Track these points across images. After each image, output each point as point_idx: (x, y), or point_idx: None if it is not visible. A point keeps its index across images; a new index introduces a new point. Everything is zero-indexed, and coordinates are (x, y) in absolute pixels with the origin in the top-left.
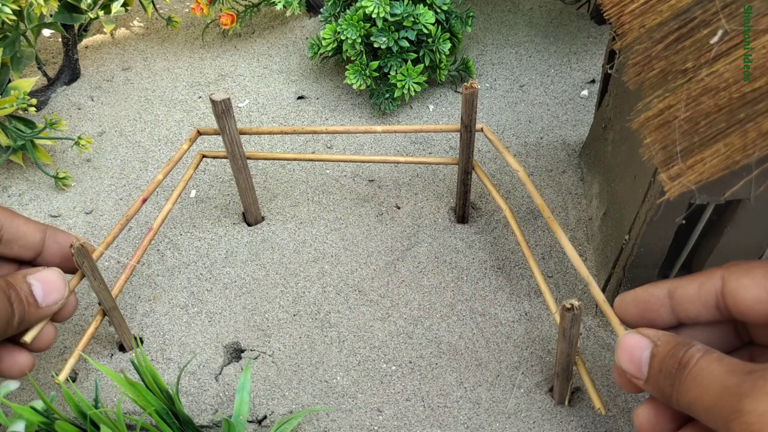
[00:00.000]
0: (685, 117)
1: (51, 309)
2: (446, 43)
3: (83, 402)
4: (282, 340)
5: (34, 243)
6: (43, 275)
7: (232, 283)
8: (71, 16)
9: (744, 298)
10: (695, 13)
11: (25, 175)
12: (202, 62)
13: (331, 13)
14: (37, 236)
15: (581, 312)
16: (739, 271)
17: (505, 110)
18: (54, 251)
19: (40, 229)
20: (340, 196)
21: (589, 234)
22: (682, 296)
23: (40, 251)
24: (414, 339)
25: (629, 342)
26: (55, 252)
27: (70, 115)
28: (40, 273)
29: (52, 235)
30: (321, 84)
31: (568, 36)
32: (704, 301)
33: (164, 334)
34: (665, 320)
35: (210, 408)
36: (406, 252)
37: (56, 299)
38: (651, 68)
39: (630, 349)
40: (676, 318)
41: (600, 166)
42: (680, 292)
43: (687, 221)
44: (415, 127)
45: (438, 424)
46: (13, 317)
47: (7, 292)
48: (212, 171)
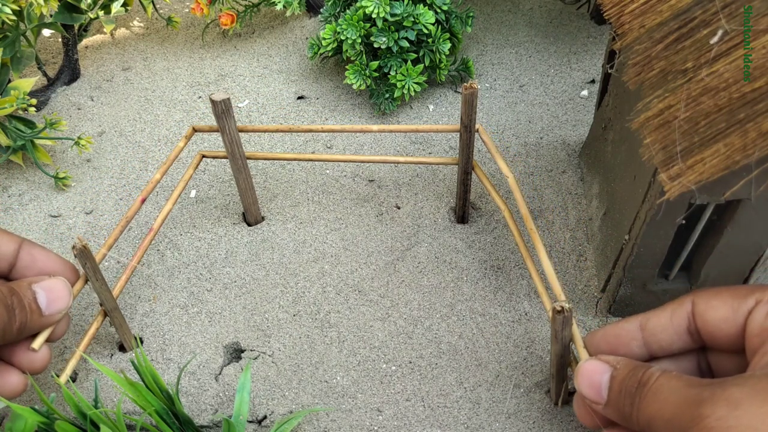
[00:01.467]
0: (685, 117)
1: (54, 318)
2: (446, 43)
3: (83, 402)
4: (282, 340)
5: (6, 253)
6: (49, 284)
7: (232, 283)
8: (71, 16)
9: (713, 318)
10: (695, 13)
11: (25, 175)
12: (202, 62)
13: (331, 13)
14: (11, 246)
15: (572, 314)
16: (708, 294)
17: (505, 110)
18: (27, 264)
19: (15, 240)
20: (340, 196)
21: (589, 234)
22: (655, 326)
23: (13, 263)
24: (414, 339)
25: (588, 368)
26: (29, 265)
27: (70, 115)
28: (45, 282)
29: (27, 248)
30: (321, 84)
31: (568, 36)
32: (676, 327)
33: (164, 334)
34: (636, 354)
35: (210, 408)
36: (406, 252)
37: (60, 308)
38: (651, 68)
39: (589, 374)
40: (648, 351)
41: (600, 166)
42: (652, 322)
43: (687, 221)
44: (411, 126)
45: (438, 424)
46: (13, 323)
47: (8, 299)
48: (212, 171)
